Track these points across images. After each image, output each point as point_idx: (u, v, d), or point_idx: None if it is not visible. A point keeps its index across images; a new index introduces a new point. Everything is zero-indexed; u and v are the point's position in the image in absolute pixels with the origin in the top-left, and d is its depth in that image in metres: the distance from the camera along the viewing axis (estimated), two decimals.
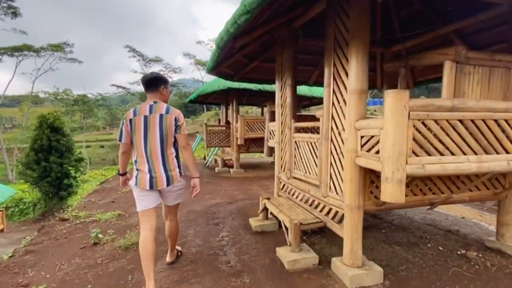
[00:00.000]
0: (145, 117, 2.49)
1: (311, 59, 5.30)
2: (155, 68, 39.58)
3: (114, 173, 17.09)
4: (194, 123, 49.01)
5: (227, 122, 10.34)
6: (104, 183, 8.85)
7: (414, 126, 2.12)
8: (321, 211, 3.35)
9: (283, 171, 4.31)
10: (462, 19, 3.43)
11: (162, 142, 2.50)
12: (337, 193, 3.03)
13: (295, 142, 3.94)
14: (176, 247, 3.19)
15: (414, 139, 2.13)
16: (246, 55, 4.49)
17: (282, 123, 4.30)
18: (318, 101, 10.61)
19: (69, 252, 3.58)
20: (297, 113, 4.17)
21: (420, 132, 2.16)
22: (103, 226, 4.38)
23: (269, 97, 9.71)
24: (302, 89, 8.77)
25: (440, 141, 2.21)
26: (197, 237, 3.85)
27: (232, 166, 9.59)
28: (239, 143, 8.69)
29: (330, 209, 3.18)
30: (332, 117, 3.09)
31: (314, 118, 3.41)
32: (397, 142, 2.04)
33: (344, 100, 2.88)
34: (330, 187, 3.17)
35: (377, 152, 2.32)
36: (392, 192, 2.04)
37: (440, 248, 3.34)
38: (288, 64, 4.03)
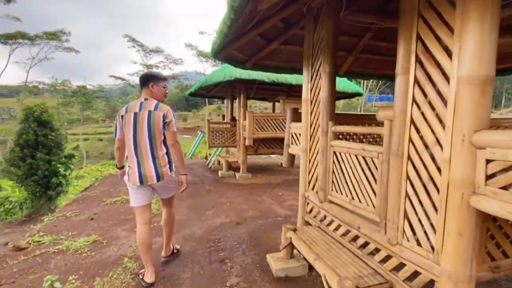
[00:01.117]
0: (135, 114, 2.52)
1: (344, 41, 4.04)
2: (156, 59, 38.21)
3: (109, 172, 15.80)
4: (196, 117, 47.89)
5: (233, 119, 8.93)
6: (88, 190, 7.52)
7: None
8: (382, 261, 2.13)
9: (312, 189, 3.13)
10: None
11: (150, 138, 2.52)
12: (419, 245, 1.83)
13: (334, 152, 2.75)
14: (174, 245, 3.21)
15: None
16: (263, 35, 3.45)
17: (311, 125, 3.13)
18: (339, 95, 8.91)
19: None
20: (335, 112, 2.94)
21: None
22: (69, 263, 3.20)
23: (283, 90, 8.61)
24: None
25: None
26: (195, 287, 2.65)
27: (237, 169, 8.30)
28: (247, 143, 7.30)
29: (403, 265, 1.96)
30: (412, 121, 1.85)
31: (365, 120, 2.20)
32: None
33: (441, 94, 1.73)
34: (404, 232, 1.95)
35: None
36: None
37: None
38: (326, 44, 2.82)
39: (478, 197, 1.51)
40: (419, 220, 1.88)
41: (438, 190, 1.72)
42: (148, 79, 2.70)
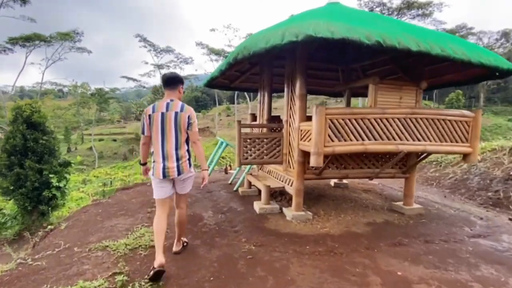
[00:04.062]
0: (162, 114, 2.70)
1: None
2: (166, 58, 36.89)
3: (118, 175, 13.39)
4: (205, 118, 46.37)
5: (275, 120, 5.46)
6: (79, 213, 5.14)
7: None
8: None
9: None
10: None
11: (176, 137, 2.73)
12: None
13: None
14: (182, 238, 3.28)
15: None
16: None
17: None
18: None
19: None
20: None
21: None
22: None
23: (375, 67, 5.17)
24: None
25: None
26: None
27: (280, 197, 5.04)
28: (313, 163, 3.51)
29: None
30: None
31: None
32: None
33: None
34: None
35: None
36: None
37: None
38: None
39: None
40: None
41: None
42: (178, 81, 2.90)
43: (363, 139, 3.60)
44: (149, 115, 2.73)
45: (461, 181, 7.13)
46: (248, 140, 4.44)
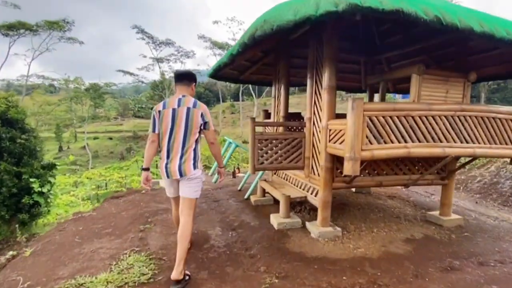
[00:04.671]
0: (173, 110, 2.60)
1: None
2: (166, 52, 35.70)
3: (113, 176, 12.98)
4: None
5: (294, 117, 4.70)
6: (53, 232, 3.84)
7: None
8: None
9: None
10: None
11: (185, 134, 2.60)
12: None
13: None
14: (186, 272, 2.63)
15: None
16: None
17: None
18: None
19: None
20: None
21: None
22: None
23: (422, 52, 4.24)
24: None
25: None
26: None
27: (300, 208, 4.26)
28: (348, 171, 2.78)
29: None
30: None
31: None
32: None
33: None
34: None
35: None
36: None
37: None
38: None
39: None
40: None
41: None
42: (192, 78, 2.82)
43: (405, 141, 2.98)
44: (159, 111, 2.63)
45: (491, 185, 6.70)
46: (264, 141, 3.78)
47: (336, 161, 3.31)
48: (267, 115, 5.21)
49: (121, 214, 4.26)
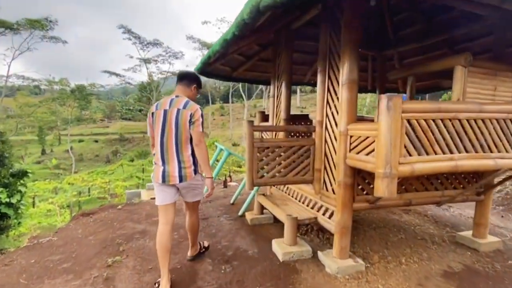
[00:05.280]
0: (165, 111, 2.47)
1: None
2: (154, 52, 34.42)
3: (96, 182, 12.11)
4: None
5: (298, 120, 4.26)
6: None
7: None
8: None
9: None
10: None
11: (177, 137, 2.44)
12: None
13: None
14: (202, 242, 3.11)
15: None
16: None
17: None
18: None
19: None
20: None
21: None
22: None
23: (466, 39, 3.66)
24: None
25: None
26: None
27: (311, 230, 3.54)
28: (382, 192, 2.03)
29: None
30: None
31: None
32: None
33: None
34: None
35: None
36: None
37: None
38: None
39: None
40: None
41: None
42: (193, 79, 2.69)
43: (451, 151, 2.33)
44: (152, 113, 2.55)
45: None
46: (265, 150, 3.07)
47: (358, 175, 2.64)
48: (264, 117, 4.51)
49: (87, 240, 3.46)
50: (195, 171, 2.51)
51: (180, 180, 2.45)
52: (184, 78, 2.65)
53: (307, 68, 5.02)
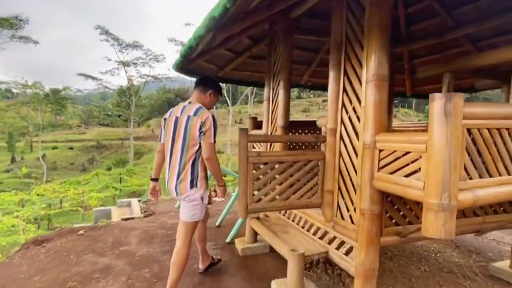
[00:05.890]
0: (176, 118, 2.37)
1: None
2: (133, 55, 32.99)
3: (70, 192, 11.36)
4: None
5: (299, 128, 3.74)
6: None
7: None
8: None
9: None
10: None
11: (183, 147, 2.31)
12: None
13: None
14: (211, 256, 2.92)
15: None
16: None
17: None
18: None
19: None
20: None
21: None
22: None
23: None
24: None
25: None
26: None
27: (317, 262, 2.85)
28: (437, 232, 1.42)
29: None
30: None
31: None
32: None
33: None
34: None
35: None
36: None
37: None
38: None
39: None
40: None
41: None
42: (210, 85, 2.54)
43: (508, 172, 1.77)
44: (165, 119, 2.48)
45: None
46: (262, 167, 2.43)
47: (388, 201, 2.03)
48: (257, 124, 3.86)
49: (30, 282, 2.64)
50: (192, 185, 2.30)
51: (176, 194, 2.33)
52: (200, 83, 2.54)
53: (305, 68, 4.45)
